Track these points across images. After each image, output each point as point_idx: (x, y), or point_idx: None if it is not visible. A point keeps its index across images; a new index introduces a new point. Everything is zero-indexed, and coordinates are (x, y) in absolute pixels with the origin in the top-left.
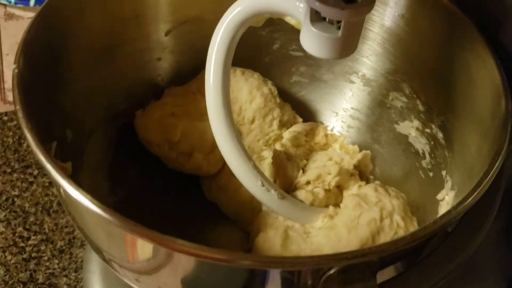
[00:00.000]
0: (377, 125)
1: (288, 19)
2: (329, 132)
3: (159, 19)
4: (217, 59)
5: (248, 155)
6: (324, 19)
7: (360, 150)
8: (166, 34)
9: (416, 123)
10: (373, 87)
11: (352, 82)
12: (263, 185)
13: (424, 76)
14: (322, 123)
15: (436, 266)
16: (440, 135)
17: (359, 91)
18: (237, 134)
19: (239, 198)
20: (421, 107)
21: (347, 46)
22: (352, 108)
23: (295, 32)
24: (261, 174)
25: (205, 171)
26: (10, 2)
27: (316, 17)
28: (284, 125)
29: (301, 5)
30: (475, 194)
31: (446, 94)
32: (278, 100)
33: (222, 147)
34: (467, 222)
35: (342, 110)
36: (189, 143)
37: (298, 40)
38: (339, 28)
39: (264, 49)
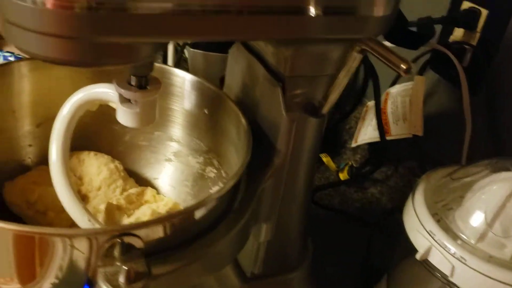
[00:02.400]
0: (199, 192)
1: (111, 104)
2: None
3: (32, 115)
4: (59, 129)
5: (79, 200)
6: (129, 100)
7: None
8: (38, 126)
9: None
10: (196, 165)
11: (186, 164)
12: (89, 221)
13: (224, 152)
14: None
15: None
16: None
17: (188, 169)
18: (72, 186)
19: None
20: (224, 175)
21: (146, 117)
22: (184, 181)
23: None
24: (89, 213)
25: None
26: None
27: (123, 99)
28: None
29: (113, 93)
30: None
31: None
32: (122, 174)
33: (60, 196)
34: None
35: (179, 184)
36: (44, 203)
37: (146, 133)
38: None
39: (118, 140)
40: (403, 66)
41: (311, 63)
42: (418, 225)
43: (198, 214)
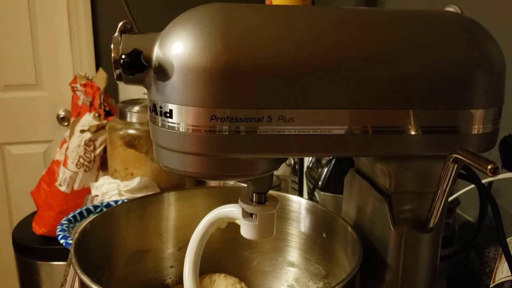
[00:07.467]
0: None
1: (237, 221)
2: None
3: (175, 238)
4: (194, 242)
5: None
6: (251, 215)
7: None
8: (179, 250)
9: None
10: None
11: None
12: None
13: (341, 276)
14: None
15: None
16: None
17: None
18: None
19: None
20: None
21: (264, 231)
22: None
23: (268, 254)
24: None
25: None
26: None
27: (246, 214)
28: None
29: (237, 210)
30: None
31: None
32: None
33: None
34: None
35: None
36: None
37: (271, 259)
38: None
39: (246, 265)
40: (489, 167)
41: (414, 179)
42: None
43: None
